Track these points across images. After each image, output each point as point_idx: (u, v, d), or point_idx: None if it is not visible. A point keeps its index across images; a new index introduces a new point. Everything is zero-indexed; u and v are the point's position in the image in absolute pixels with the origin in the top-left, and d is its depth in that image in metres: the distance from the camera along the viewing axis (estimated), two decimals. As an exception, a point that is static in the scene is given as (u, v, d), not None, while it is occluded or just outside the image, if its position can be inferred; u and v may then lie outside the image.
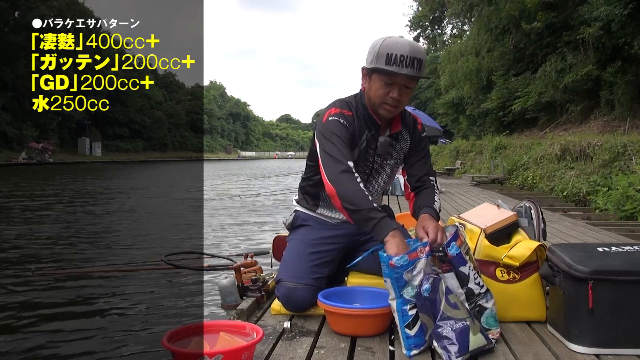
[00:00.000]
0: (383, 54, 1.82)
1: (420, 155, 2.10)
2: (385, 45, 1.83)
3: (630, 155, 8.45)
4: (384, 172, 2.10)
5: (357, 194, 1.75)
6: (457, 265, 1.68)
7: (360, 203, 1.73)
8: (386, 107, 1.92)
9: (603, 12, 11.44)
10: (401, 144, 2.08)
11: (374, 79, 1.90)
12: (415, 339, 1.59)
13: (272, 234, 4.21)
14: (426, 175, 2.09)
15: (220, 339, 1.50)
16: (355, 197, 1.74)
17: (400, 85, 1.88)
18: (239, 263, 2.44)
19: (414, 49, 1.83)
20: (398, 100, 1.90)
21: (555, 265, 1.72)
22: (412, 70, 1.83)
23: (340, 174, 1.79)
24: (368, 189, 2.07)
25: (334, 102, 2.02)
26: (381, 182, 2.13)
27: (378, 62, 1.84)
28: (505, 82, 18.24)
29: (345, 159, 1.82)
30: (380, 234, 1.69)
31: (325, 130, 1.90)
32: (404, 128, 2.07)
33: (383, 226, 1.69)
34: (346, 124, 1.91)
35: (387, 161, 2.08)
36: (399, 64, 1.81)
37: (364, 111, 1.99)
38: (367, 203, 1.73)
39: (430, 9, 32.69)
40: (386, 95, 1.89)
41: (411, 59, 1.81)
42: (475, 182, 12.97)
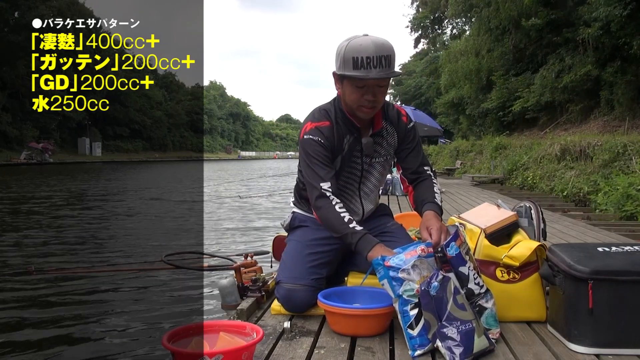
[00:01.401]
0: (349, 59, 1.80)
1: (411, 146, 2.09)
2: (350, 49, 1.81)
3: (630, 155, 8.45)
4: (375, 170, 2.10)
5: (335, 221, 1.84)
6: (456, 266, 1.67)
7: (339, 229, 1.83)
8: (363, 110, 1.91)
9: (602, 12, 11.43)
10: (388, 139, 2.07)
11: (346, 84, 1.89)
12: (419, 339, 1.59)
13: (272, 234, 4.21)
14: (421, 165, 2.08)
15: (220, 339, 1.50)
16: (334, 224, 1.84)
17: (373, 86, 1.86)
18: (239, 263, 2.44)
19: (379, 47, 1.79)
20: (374, 101, 1.89)
21: (555, 265, 1.72)
22: (381, 70, 1.80)
23: (316, 200, 1.89)
24: (362, 190, 2.10)
25: (311, 114, 2.02)
26: (374, 181, 2.12)
27: (346, 68, 1.82)
28: (505, 82, 18.23)
29: (320, 181, 1.88)
30: (363, 252, 1.76)
31: (302, 150, 1.96)
32: (387, 124, 2.06)
33: (364, 244, 1.77)
34: (321, 141, 1.92)
35: (375, 159, 2.07)
36: (367, 66, 1.78)
37: (342, 116, 1.98)
38: (345, 228, 1.81)
39: (430, 10, 32.67)
40: (361, 98, 1.88)
41: (378, 59, 1.78)
42: (475, 182, 12.97)
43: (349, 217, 1.84)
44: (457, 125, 28.45)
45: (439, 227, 1.75)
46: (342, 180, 2.05)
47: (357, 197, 2.11)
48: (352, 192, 2.10)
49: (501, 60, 19.06)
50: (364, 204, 2.14)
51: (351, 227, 1.81)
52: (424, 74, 42.22)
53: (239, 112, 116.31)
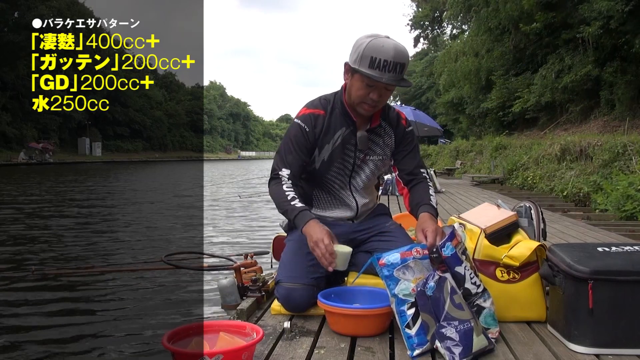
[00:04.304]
0: (367, 57, 1.83)
1: (408, 149, 2.13)
2: (370, 48, 1.83)
3: (630, 155, 8.45)
4: (367, 167, 2.12)
5: (280, 198, 1.96)
6: (452, 266, 1.67)
7: (282, 205, 1.95)
8: (365, 107, 1.96)
9: (604, 6, 11.36)
10: (384, 138, 2.10)
11: (356, 79, 1.92)
12: (417, 338, 1.59)
13: (272, 233, 4.21)
14: (417, 168, 2.11)
15: (220, 339, 1.50)
16: (278, 200, 1.97)
17: (381, 88, 1.90)
18: (239, 263, 2.44)
19: (398, 54, 1.83)
20: (377, 101, 1.93)
21: (555, 265, 1.72)
22: (394, 76, 1.84)
23: (270, 180, 2.04)
24: (352, 184, 2.13)
25: (311, 101, 2.11)
26: (364, 177, 2.14)
27: (361, 64, 1.85)
28: (505, 82, 18.22)
29: (282, 166, 2.01)
30: (299, 225, 1.88)
31: (288, 131, 2.07)
32: (385, 123, 2.09)
33: (300, 219, 1.88)
34: (307, 129, 2.01)
35: (370, 157, 2.10)
36: (382, 68, 1.82)
37: (341, 108, 2.03)
38: (286, 204, 1.93)
39: (430, 9, 32.66)
40: (366, 96, 1.92)
41: (394, 64, 1.82)
42: (475, 182, 12.97)
43: (293, 195, 1.94)
44: (457, 125, 28.44)
45: (435, 229, 1.76)
46: (333, 172, 2.08)
47: (347, 189, 2.14)
48: (342, 184, 2.12)
49: (501, 60, 19.03)
50: (356, 197, 2.15)
51: (292, 203, 1.91)
52: (424, 74, 42.21)
53: (239, 112, 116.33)
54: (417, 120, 10.73)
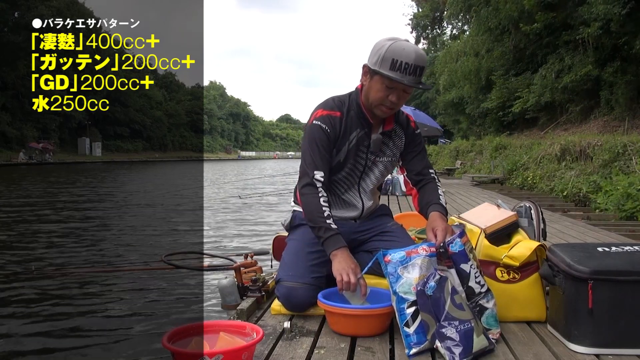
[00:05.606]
0: (389, 59, 1.85)
1: (417, 150, 2.15)
2: (392, 50, 1.85)
3: (630, 155, 8.45)
4: (377, 169, 2.13)
5: (315, 211, 1.89)
6: (458, 262, 1.68)
7: (316, 220, 1.88)
8: (383, 109, 1.97)
9: (602, 10, 11.40)
10: (395, 141, 2.12)
11: (376, 80, 1.92)
12: (415, 337, 1.59)
13: (272, 233, 4.21)
14: (425, 168, 2.13)
15: (220, 339, 1.50)
16: (313, 212, 1.90)
17: (400, 90, 1.92)
18: (239, 263, 2.44)
19: (419, 57, 1.86)
20: (395, 104, 1.95)
21: (555, 265, 1.72)
22: (414, 79, 1.87)
23: (305, 186, 1.94)
24: (361, 186, 2.13)
25: (324, 102, 2.08)
26: (373, 179, 2.15)
27: (382, 66, 1.86)
28: (505, 82, 18.22)
29: (314, 168, 1.94)
30: (328, 249, 1.85)
31: (309, 135, 2.01)
32: (397, 126, 2.11)
33: (330, 243, 1.84)
34: (328, 130, 1.98)
35: (380, 158, 2.11)
36: (403, 71, 1.84)
37: (357, 109, 2.03)
38: (321, 221, 1.87)
39: (430, 9, 32.66)
40: (385, 98, 1.93)
41: (415, 67, 1.85)
42: (475, 182, 12.96)
43: (328, 212, 1.89)
44: (457, 125, 28.44)
45: (445, 228, 1.77)
46: (345, 172, 2.08)
47: (355, 191, 2.14)
48: (351, 185, 2.13)
49: (501, 60, 19.04)
50: (363, 199, 2.16)
51: (327, 222, 1.87)
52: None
53: (238, 112, 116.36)
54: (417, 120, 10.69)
